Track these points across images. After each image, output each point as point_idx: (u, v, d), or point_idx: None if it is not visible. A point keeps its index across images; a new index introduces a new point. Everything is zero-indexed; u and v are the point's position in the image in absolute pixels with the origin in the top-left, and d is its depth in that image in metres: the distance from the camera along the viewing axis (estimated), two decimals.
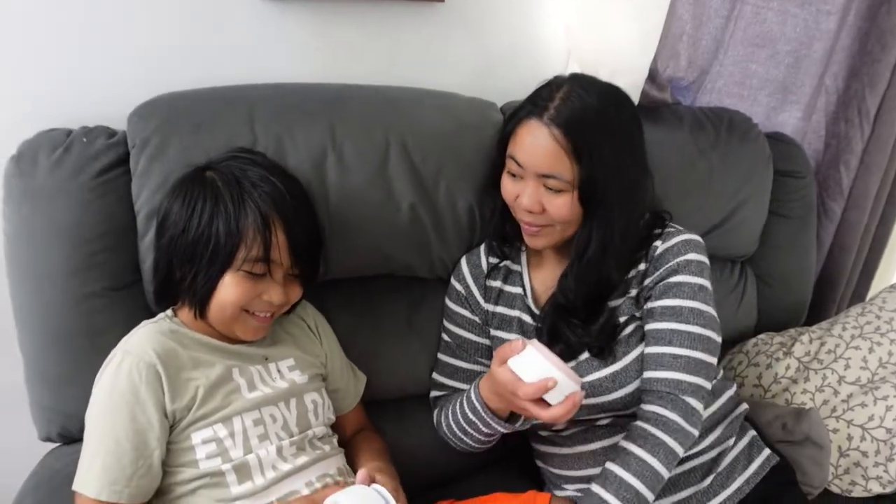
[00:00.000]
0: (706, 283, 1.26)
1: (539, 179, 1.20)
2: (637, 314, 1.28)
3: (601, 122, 1.18)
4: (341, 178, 1.32)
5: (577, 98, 1.18)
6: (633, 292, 1.28)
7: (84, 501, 1.02)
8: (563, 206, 1.19)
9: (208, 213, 1.08)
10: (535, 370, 1.05)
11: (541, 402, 1.06)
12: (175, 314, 1.18)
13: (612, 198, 1.19)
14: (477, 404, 1.23)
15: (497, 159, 1.31)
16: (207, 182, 1.11)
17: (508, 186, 1.26)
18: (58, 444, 1.28)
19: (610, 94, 1.23)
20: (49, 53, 1.31)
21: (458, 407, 1.31)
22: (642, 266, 1.28)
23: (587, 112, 1.17)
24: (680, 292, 1.23)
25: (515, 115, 1.24)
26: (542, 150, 1.17)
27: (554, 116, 1.17)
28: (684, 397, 1.18)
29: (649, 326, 1.24)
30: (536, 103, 1.20)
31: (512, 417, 1.22)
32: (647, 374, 1.22)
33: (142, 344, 1.08)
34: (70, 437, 1.25)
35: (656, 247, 1.28)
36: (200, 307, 1.12)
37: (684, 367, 1.19)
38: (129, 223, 1.24)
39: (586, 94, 1.19)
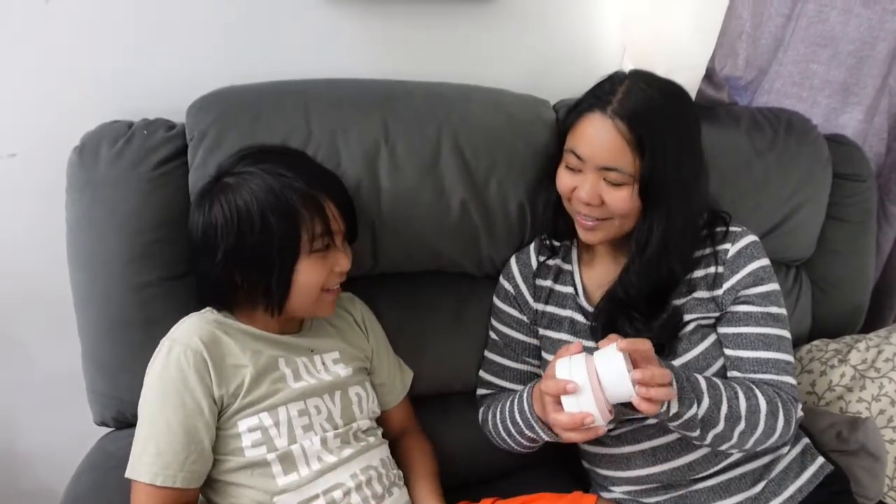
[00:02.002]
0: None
1: (599, 172, 1.19)
2: (707, 315, 1.27)
3: (664, 117, 1.18)
4: (393, 173, 1.33)
5: (639, 91, 1.18)
6: (704, 294, 1.27)
7: (139, 488, 1.04)
8: (623, 199, 1.19)
9: (258, 214, 1.08)
10: (570, 371, 1.04)
11: (559, 402, 1.06)
12: (221, 310, 1.19)
13: (671, 192, 1.19)
14: (525, 405, 1.23)
15: (554, 153, 1.31)
16: (234, 187, 1.10)
17: (566, 179, 1.26)
18: (112, 429, 1.32)
19: (671, 89, 1.23)
20: (112, 48, 1.35)
21: (507, 406, 1.31)
22: (713, 269, 1.28)
23: (650, 106, 1.17)
24: (768, 300, 1.27)
25: (576, 109, 1.24)
26: (606, 142, 1.17)
27: (617, 109, 1.17)
28: (798, 403, 1.24)
29: (744, 329, 1.25)
30: (599, 97, 1.20)
31: None
32: (767, 376, 1.23)
33: (189, 332, 1.10)
34: (124, 421, 1.28)
35: (727, 249, 1.27)
36: (279, 305, 1.14)
37: (792, 373, 1.25)
38: (185, 214, 1.25)
39: (649, 88, 1.19)
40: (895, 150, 1.90)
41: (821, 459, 1.34)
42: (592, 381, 1.02)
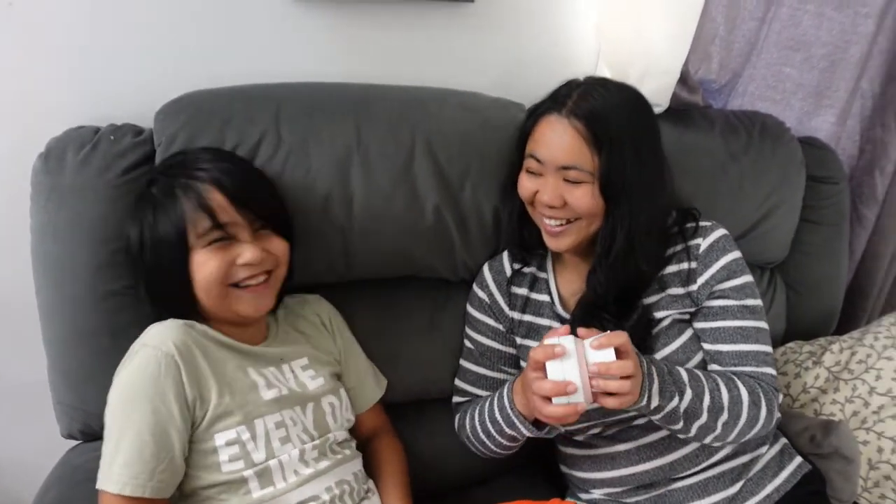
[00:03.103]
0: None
1: (559, 173, 1.20)
2: (683, 311, 1.28)
3: (619, 115, 1.20)
4: (366, 178, 1.31)
5: (594, 93, 1.20)
6: (679, 290, 1.28)
7: (107, 499, 1.01)
8: (583, 196, 1.20)
9: (152, 218, 1.10)
10: (561, 368, 1.05)
11: (544, 373, 1.07)
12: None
13: (632, 190, 1.19)
14: (506, 401, 1.23)
15: (515, 160, 1.31)
16: (146, 194, 1.14)
17: (527, 184, 1.26)
18: (79, 441, 1.29)
19: (626, 91, 1.25)
20: (78, 52, 1.32)
21: (486, 406, 1.31)
22: (686, 265, 1.28)
23: (605, 104, 1.19)
24: (743, 293, 1.28)
25: (534, 113, 1.27)
26: (563, 142, 1.19)
27: (573, 109, 1.19)
28: (779, 393, 1.26)
29: (722, 324, 1.26)
30: (555, 100, 1.23)
31: (538, 422, 1.22)
32: (747, 368, 1.25)
33: (160, 336, 1.08)
34: (92, 434, 1.26)
35: (698, 244, 1.28)
36: (191, 305, 1.12)
37: (772, 364, 1.27)
38: None
39: (604, 90, 1.21)
40: (868, 152, 1.92)
41: (798, 459, 1.35)
42: (579, 352, 1.05)
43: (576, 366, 1.04)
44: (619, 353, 1.06)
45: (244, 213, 1.11)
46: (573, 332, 1.10)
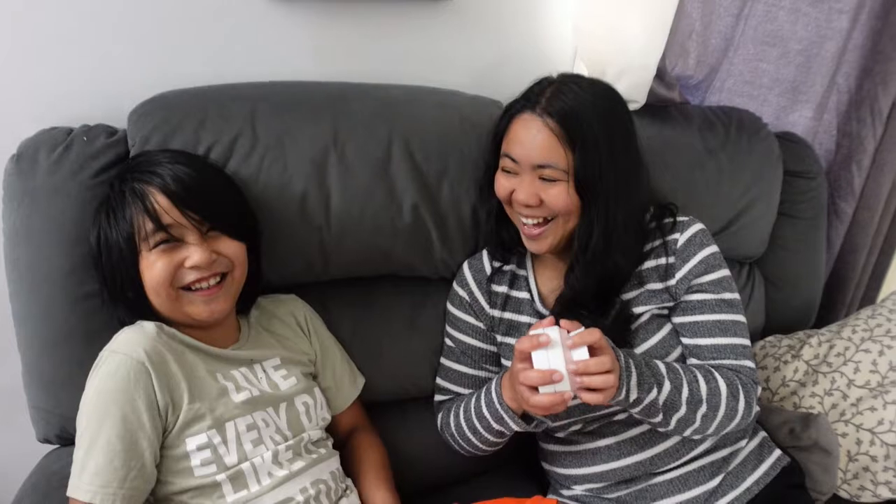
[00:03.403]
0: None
1: (534, 171, 1.21)
2: (662, 306, 1.29)
3: (592, 112, 1.19)
4: (343, 177, 1.31)
5: (567, 90, 1.20)
6: (657, 285, 1.29)
7: None
8: (559, 194, 1.20)
9: (106, 222, 1.11)
10: (546, 358, 1.06)
11: (530, 364, 1.08)
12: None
13: (608, 187, 1.20)
14: (494, 395, 1.23)
15: (490, 160, 1.31)
16: (104, 198, 1.15)
17: (503, 183, 1.26)
18: (56, 446, 1.28)
19: (599, 87, 1.26)
20: (50, 51, 1.30)
21: (472, 402, 1.31)
22: (664, 260, 1.29)
23: (578, 102, 1.19)
24: (720, 287, 1.29)
25: (507, 113, 1.27)
26: (537, 140, 1.19)
27: (546, 107, 1.19)
28: (758, 385, 1.27)
29: (700, 318, 1.27)
30: (528, 98, 1.23)
31: (526, 417, 1.23)
32: (726, 361, 1.26)
33: (129, 342, 1.07)
34: (68, 438, 1.24)
35: (676, 239, 1.29)
36: (145, 307, 1.12)
37: (750, 357, 1.28)
38: None
39: (577, 87, 1.21)
40: (844, 147, 1.93)
41: (777, 452, 1.36)
42: (563, 342, 1.06)
43: (560, 355, 1.05)
44: (595, 350, 1.06)
45: (190, 215, 1.09)
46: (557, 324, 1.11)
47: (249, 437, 1.11)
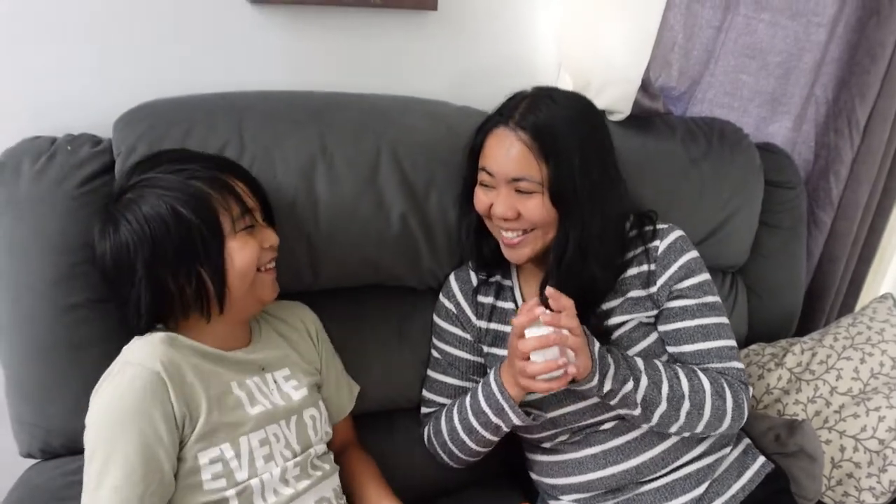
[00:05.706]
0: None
1: (510, 185, 1.22)
2: (647, 314, 1.29)
3: (566, 124, 1.21)
4: (331, 187, 1.31)
5: (541, 103, 1.22)
6: (640, 293, 1.30)
7: None
8: (535, 207, 1.21)
9: (169, 214, 1.04)
10: (539, 330, 1.11)
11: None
12: (167, 328, 1.13)
13: (582, 199, 1.21)
14: (494, 385, 1.24)
15: (468, 174, 1.32)
16: (135, 200, 1.07)
17: (482, 197, 1.27)
18: (39, 460, 1.25)
19: (573, 99, 1.27)
20: (33, 60, 1.29)
21: (467, 400, 1.30)
22: (645, 267, 1.30)
23: (551, 114, 1.21)
24: (701, 291, 1.31)
25: (483, 128, 1.28)
26: (511, 154, 1.20)
27: (519, 121, 1.21)
28: (749, 388, 1.29)
29: (682, 325, 1.29)
30: (503, 113, 1.25)
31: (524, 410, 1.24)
32: (712, 365, 1.28)
33: (143, 353, 1.03)
34: (52, 452, 1.22)
35: (656, 246, 1.31)
36: (220, 298, 1.09)
37: (736, 357, 1.30)
38: None
39: (551, 100, 1.23)
40: (823, 157, 1.96)
41: (762, 458, 1.37)
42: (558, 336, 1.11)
43: (550, 329, 1.09)
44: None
45: (257, 199, 1.16)
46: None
47: (262, 452, 1.09)
